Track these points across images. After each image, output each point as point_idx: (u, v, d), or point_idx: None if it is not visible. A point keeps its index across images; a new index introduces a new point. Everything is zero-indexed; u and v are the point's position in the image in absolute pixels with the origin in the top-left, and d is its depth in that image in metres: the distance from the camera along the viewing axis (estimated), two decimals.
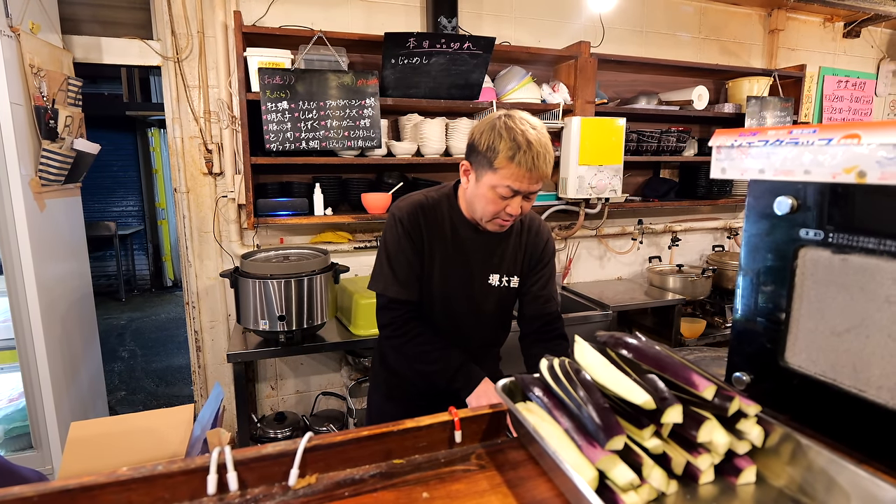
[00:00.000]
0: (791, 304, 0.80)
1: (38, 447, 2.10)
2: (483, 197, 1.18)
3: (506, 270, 1.36)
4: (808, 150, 0.74)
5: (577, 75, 2.66)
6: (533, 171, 1.12)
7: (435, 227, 1.30)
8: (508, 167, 1.12)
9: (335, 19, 2.50)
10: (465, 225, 1.31)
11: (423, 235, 1.29)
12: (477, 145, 1.17)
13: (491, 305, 1.37)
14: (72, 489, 0.60)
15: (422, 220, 1.29)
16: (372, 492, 0.66)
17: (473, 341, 1.40)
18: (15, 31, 1.87)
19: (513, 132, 1.11)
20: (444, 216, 1.31)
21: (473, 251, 1.32)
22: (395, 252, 1.29)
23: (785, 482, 0.68)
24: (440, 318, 1.35)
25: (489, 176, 1.15)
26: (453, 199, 1.33)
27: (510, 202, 1.17)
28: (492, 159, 1.13)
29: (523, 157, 1.10)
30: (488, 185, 1.16)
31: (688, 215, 3.35)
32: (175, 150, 2.42)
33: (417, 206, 1.30)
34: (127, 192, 6.37)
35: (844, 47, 3.59)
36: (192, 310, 2.54)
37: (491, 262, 1.34)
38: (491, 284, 1.35)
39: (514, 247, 1.36)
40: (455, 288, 1.33)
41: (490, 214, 1.20)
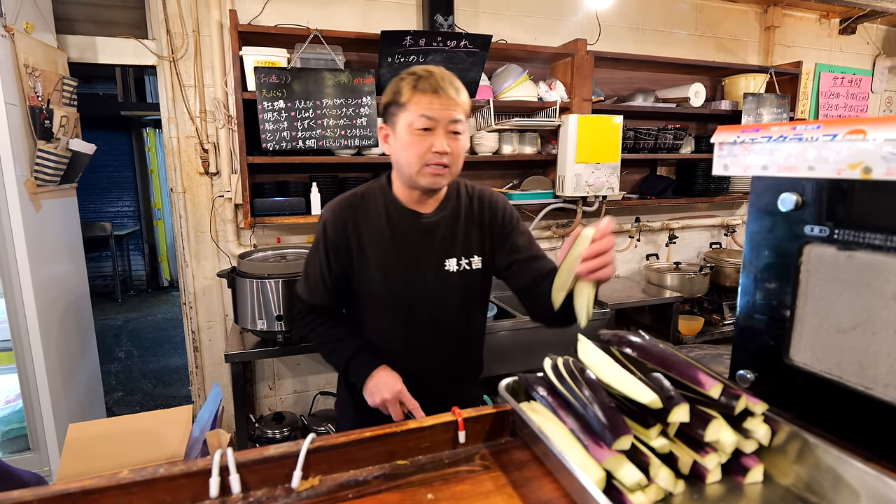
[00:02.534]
0: (796, 301, 0.79)
1: (35, 449, 2.08)
2: (405, 143, 1.11)
3: (463, 252, 1.24)
4: (813, 145, 0.74)
5: (574, 73, 2.66)
6: (440, 94, 1.08)
7: (367, 224, 1.22)
8: (415, 96, 1.08)
9: (331, 18, 2.49)
10: (404, 214, 1.21)
11: (347, 239, 1.21)
12: (385, 104, 1.16)
13: (454, 295, 1.25)
14: (72, 493, 0.59)
15: (350, 220, 1.21)
16: (376, 493, 0.65)
17: (443, 346, 1.29)
18: (9, 30, 1.85)
19: (412, 71, 1.12)
20: (379, 209, 1.22)
21: (420, 239, 1.22)
22: (311, 253, 1.27)
23: (792, 481, 0.67)
24: (395, 322, 1.25)
25: (402, 117, 1.11)
26: (387, 189, 1.24)
27: (433, 138, 1.09)
28: (399, 100, 1.11)
29: (426, 83, 1.08)
30: (405, 127, 1.10)
31: (685, 213, 3.35)
32: (171, 149, 2.40)
33: (347, 204, 1.23)
34: (122, 193, 6.33)
35: (840, 44, 3.60)
36: (189, 310, 2.53)
37: (443, 246, 1.23)
38: (449, 271, 1.23)
39: (467, 223, 1.25)
40: (404, 283, 1.22)
41: (418, 159, 1.10)
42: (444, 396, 1.15)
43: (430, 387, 1.25)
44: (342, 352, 1.24)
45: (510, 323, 2.30)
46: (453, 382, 1.34)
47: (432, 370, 1.29)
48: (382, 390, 1.15)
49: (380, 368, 1.19)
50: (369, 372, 1.19)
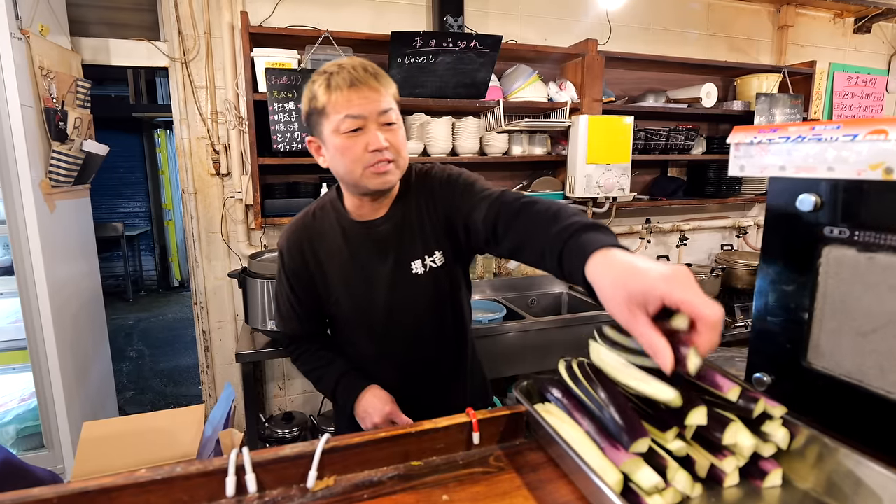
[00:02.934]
0: (814, 303, 0.78)
1: (49, 447, 2.10)
2: (339, 151, 1.00)
3: (424, 251, 1.12)
4: (832, 146, 0.73)
5: (584, 73, 2.65)
6: (357, 86, 0.97)
7: (323, 244, 1.15)
8: (330, 96, 0.97)
9: (341, 19, 2.50)
10: (357, 227, 1.12)
11: (305, 265, 1.15)
12: (306, 115, 1.05)
13: (427, 299, 1.15)
14: (90, 491, 0.60)
15: (306, 244, 1.15)
16: (391, 494, 0.65)
17: (426, 353, 1.21)
18: (25, 33, 1.87)
19: (322, 70, 1.01)
20: (333, 225, 1.14)
21: (379, 250, 1.12)
22: (276, 285, 1.23)
23: (811, 485, 0.66)
24: (372, 338, 1.19)
25: (326, 123, 1.00)
26: (338, 202, 1.15)
27: (366, 137, 0.98)
28: (318, 106, 1.00)
29: (338, 78, 0.97)
30: (332, 133, 0.99)
31: (696, 214, 3.32)
32: (182, 150, 2.42)
33: (300, 228, 1.16)
34: (134, 194, 6.39)
35: (855, 43, 3.56)
36: (200, 310, 2.55)
37: (403, 249, 1.12)
38: (416, 274, 1.12)
39: (418, 216, 1.12)
40: (372, 298, 1.14)
41: (357, 164, 1.00)
42: (440, 405, 1.10)
43: (422, 397, 1.20)
44: (328, 380, 1.21)
45: (519, 324, 2.29)
46: (445, 389, 1.26)
47: (420, 380, 1.22)
48: (372, 414, 1.12)
49: (367, 391, 1.15)
50: (356, 396, 1.15)
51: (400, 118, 1.05)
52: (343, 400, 1.17)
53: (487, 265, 2.85)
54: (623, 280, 0.64)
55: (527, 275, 2.95)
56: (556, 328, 2.33)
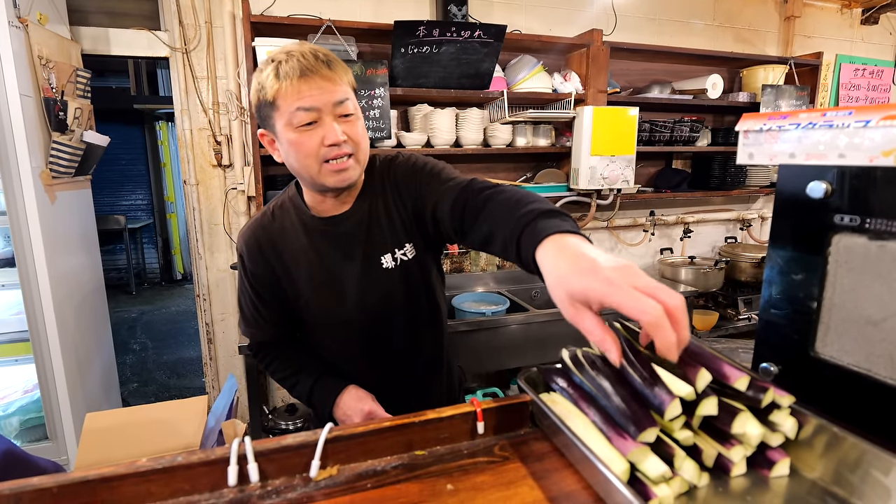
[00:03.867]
0: (823, 292, 0.77)
1: (52, 438, 2.11)
2: (293, 146, 0.93)
3: (394, 244, 1.07)
4: (844, 132, 0.72)
5: (589, 64, 2.62)
6: (308, 75, 0.90)
7: (285, 245, 1.08)
8: (280, 87, 0.90)
9: (343, 8, 2.48)
10: (320, 224, 1.07)
11: (267, 266, 1.09)
12: (253, 105, 0.98)
13: (398, 291, 1.10)
14: (91, 480, 0.59)
15: (266, 245, 1.08)
16: (395, 483, 0.64)
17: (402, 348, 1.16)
18: (23, 22, 1.86)
19: (271, 58, 0.94)
20: (295, 223, 1.08)
21: (345, 246, 1.07)
22: (239, 290, 1.18)
23: (819, 474, 0.65)
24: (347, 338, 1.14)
25: (277, 116, 0.93)
26: (297, 199, 1.10)
27: (321, 131, 0.92)
28: (266, 97, 0.92)
29: (286, 67, 0.90)
30: (285, 127, 0.93)
31: (700, 206, 3.30)
32: (184, 142, 2.41)
33: (259, 229, 1.10)
34: (136, 186, 6.39)
35: (862, 34, 3.52)
36: (202, 302, 2.55)
37: (372, 245, 1.07)
38: (387, 269, 1.07)
39: (385, 209, 1.07)
40: (340, 297, 1.09)
41: (313, 160, 0.94)
42: (420, 399, 1.10)
43: (403, 393, 1.17)
44: (301, 388, 1.15)
45: (523, 316, 2.28)
46: (426, 383, 1.23)
47: (399, 376, 1.18)
48: (351, 416, 1.07)
49: (344, 392, 1.10)
50: (333, 399, 1.10)
51: (358, 108, 0.98)
52: (321, 406, 1.12)
53: (490, 258, 2.84)
54: (565, 279, 0.62)
55: None
56: (560, 320, 2.31)
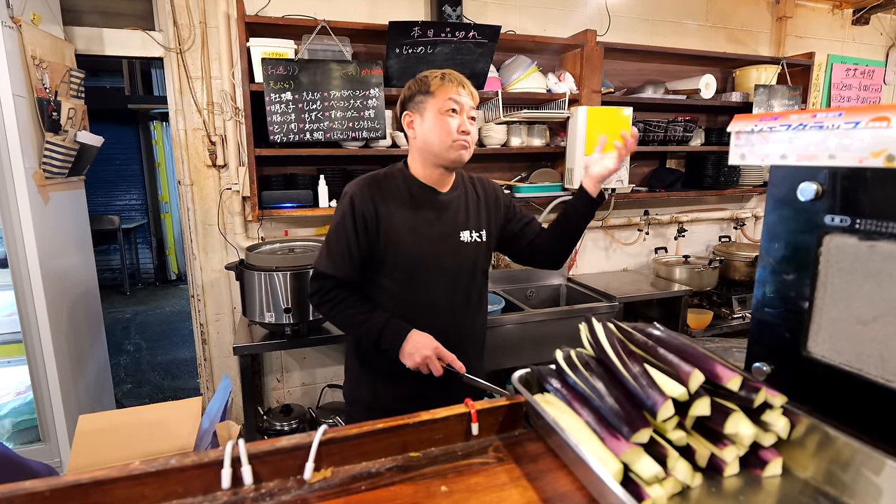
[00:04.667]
0: (814, 292, 0.78)
1: (45, 440, 2.10)
2: (435, 124, 1.30)
3: (473, 226, 1.42)
4: (834, 133, 0.72)
5: (583, 64, 2.63)
6: (464, 85, 1.32)
7: (392, 197, 1.35)
8: (442, 86, 1.30)
9: (338, 8, 2.47)
10: (423, 189, 1.38)
11: (375, 209, 1.33)
12: (409, 95, 1.36)
13: (467, 262, 1.41)
14: (84, 483, 0.59)
15: (376, 192, 1.35)
16: (389, 485, 0.64)
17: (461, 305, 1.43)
18: (16, 22, 1.84)
19: (432, 71, 1.34)
20: (401, 186, 1.38)
21: (439, 212, 1.38)
22: (334, 228, 1.35)
23: (811, 474, 0.66)
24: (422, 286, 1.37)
25: (431, 102, 1.31)
26: (405, 170, 1.40)
27: (459, 119, 1.31)
28: (427, 89, 1.31)
29: (450, 76, 1.32)
30: (434, 111, 1.31)
31: (694, 206, 3.32)
32: (178, 142, 2.40)
33: (371, 180, 1.37)
34: (130, 186, 6.35)
35: (853, 35, 3.54)
36: (197, 303, 2.53)
37: (458, 219, 1.40)
38: (462, 241, 1.40)
39: (474, 204, 1.45)
40: (427, 247, 1.36)
41: (448, 136, 1.30)
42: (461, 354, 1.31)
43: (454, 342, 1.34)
44: (373, 323, 1.31)
45: (518, 316, 2.29)
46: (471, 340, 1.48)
47: (455, 327, 1.40)
48: (421, 349, 1.25)
49: (412, 332, 1.29)
50: (403, 336, 1.28)
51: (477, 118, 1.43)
52: (391, 339, 1.29)
53: None
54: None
55: (525, 267, 2.94)
56: (555, 320, 2.33)
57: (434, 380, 1.30)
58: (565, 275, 2.98)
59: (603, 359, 0.70)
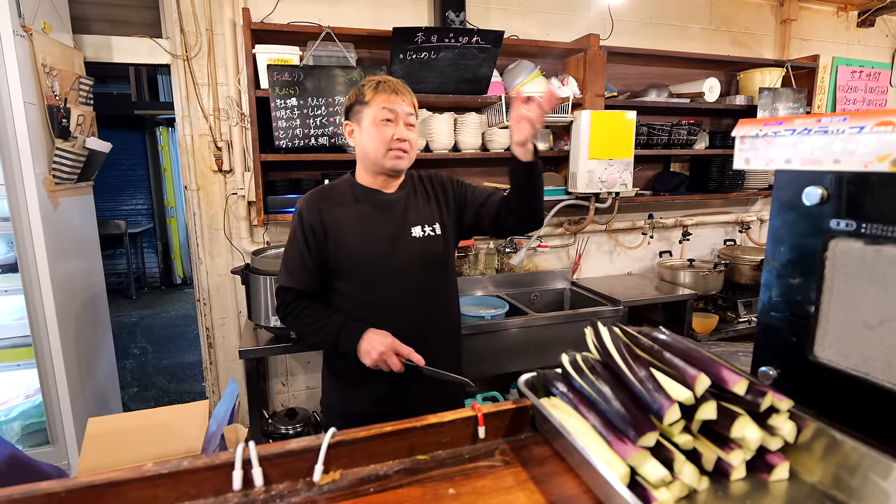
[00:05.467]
0: (820, 296, 0.78)
1: (54, 443, 2.11)
2: (371, 133, 1.33)
3: (425, 221, 1.44)
4: (839, 138, 0.73)
5: (587, 68, 2.64)
6: (398, 93, 1.33)
7: (338, 205, 1.40)
8: (376, 95, 1.32)
9: (343, 15, 2.49)
10: (369, 194, 1.42)
11: (321, 219, 1.37)
12: (349, 105, 1.39)
13: (422, 258, 1.42)
14: (98, 485, 0.60)
15: (322, 203, 1.39)
16: (397, 487, 0.65)
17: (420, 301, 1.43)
18: (27, 30, 1.87)
19: (370, 79, 1.37)
20: (346, 193, 1.42)
21: (386, 213, 1.41)
22: (288, 244, 1.42)
23: (818, 478, 0.66)
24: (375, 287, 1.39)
25: (366, 112, 1.34)
26: (352, 178, 1.46)
27: (394, 127, 1.33)
28: (363, 99, 1.34)
29: (384, 85, 1.34)
30: (370, 120, 1.33)
31: (699, 209, 3.31)
32: (185, 147, 2.42)
33: (318, 192, 1.44)
34: (136, 191, 6.40)
35: (858, 37, 3.54)
36: (202, 307, 2.55)
37: (406, 217, 1.42)
38: (414, 237, 1.42)
39: (423, 200, 1.47)
40: (377, 248, 1.38)
41: (383, 144, 1.33)
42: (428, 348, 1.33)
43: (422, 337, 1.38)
44: (330, 327, 1.34)
45: (522, 320, 2.29)
46: (441, 333, 1.48)
47: (420, 323, 1.42)
48: (376, 346, 1.26)
49: (367, 331, 1.31)
50: (359, 336, 1.30)
51: (416, 124, 1.39)
52: (347, 341, 1.31)
53: (489, 261, 2.85)
54: None
55: (529, 270, 2.95)
56: (559, 324, 2.33)
57: (399, 380, 1.33)
58: (569, 278, 2.98)
59: (609, 363, 0.71)
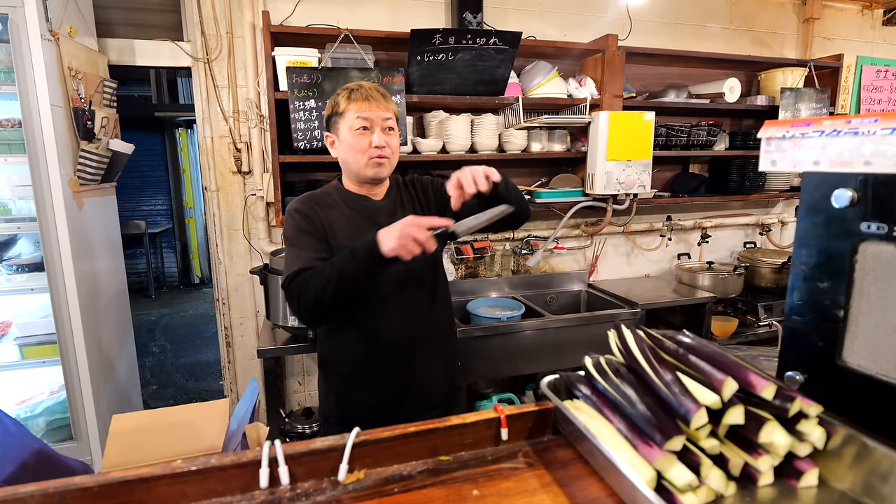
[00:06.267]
0: (849, 300, 0.77)
1: (77, 438, 2.15)
2: (349, 143, 1.32)
3: None
4: (870, 139, 0.71)
5: (605, 69, 2.62)
6: (371, 100, 1.31)
7: (329, 210, 1.38)
8: (350, 104, 1.31)
9: (361, 17, 2.51)
10: (356, 199, 1.41)
11: (320, 217, 1.36)
12: (328, 116, 1.38)
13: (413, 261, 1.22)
14: (130, 480, 0.61)
15: (315, 205, 1.38)
16: (421, 488, 0.65)
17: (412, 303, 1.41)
18: (54, 35, 1.91)
19: (344, 87, 1.35)
20: (335, 199, 1.41)
21: (374, 217, 1.39)
22: (296, 237, 1.33)
23: (849, 485, 0.65)
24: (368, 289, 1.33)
25: (342, 122, 1.32)
26: (339, 184, 1.45)
27: (371, 135, 1.31)
28: (338, 110, 1.33)
29: (357, 93, 1.32)
30: (347, 130, 1.32)
31: (718, 211, 3.27)
32: (205, 149, 2.45)
33: (308, 196, 1.42)
34: (156, 192, 6.50)
35: (884, 35, 3.46)
36: (221, 306, 2.58)
37: (395, 219, 1.23)
38: None
39: (410, 204, 1.47)
40: None
41: (362, 153, 1.32)
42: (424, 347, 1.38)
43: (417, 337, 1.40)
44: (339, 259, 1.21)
45: (538, 322, 2.28)
46: (435, 332, 1.47)
47: (415, 322, 1.41)
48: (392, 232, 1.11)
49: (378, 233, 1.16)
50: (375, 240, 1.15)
51: (397, 127, 1.38)
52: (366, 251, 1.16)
53: (505, 263, 2.84)
54: None
55: (545, 272, 2.94)
56: (575, 326, 2.32)
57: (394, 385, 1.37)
58: (586, 280, 2.97)
59: (633, 366, 0.70)
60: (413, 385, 1.41)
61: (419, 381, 1.42)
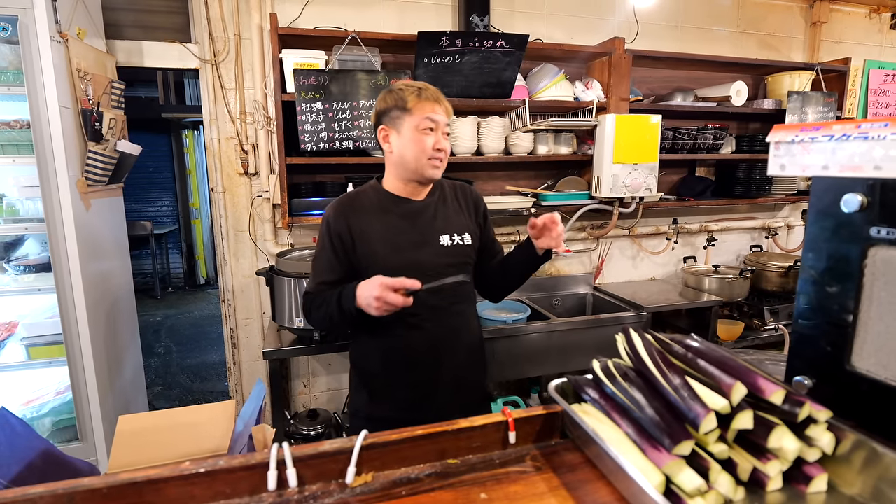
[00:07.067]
0: (858, 305, 0.76)
1: (83, 439, 2.16)
2: (411, 141, 1.33)
3: (455, 230, 1.44)
4: (880, 144, 0.71)
5: (611, 72, 2.62)
6: (440, 102, 1.34)
7: (364, 212, 1.40)
8: (420, 103, 1.32)
9: (368, 19, 2.52)
10: (396, 201, 1.42)
11: (348, 226, 1.37)
12: (385, 109, 1.36)
13: (451, 266, 1.40)
14: (139, 482, 0.61)
15: (349, 210, 1.39)
16: (429, 491, 0.65)
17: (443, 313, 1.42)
18: (63, 36, 1.93)
19: (410, 84, 1.36)
20: (373, 201, 1.42)
21: (414, 220, 1.41)
22: (317, 252, 1.42)
23: (858, 491, 0.65)
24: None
25: (408, 119, 1.32)
26: (378, 185, 1.46)
27: (435, 137, 1.33)
28: (404, 105, 1.32)
29: (427, 93, 1.33)
30: (411, 128, 1.32)
31: (724, 214, 3.26)
32: (212, 150, 2.47)
33: (344, 199, 1.43)
34: (162, 193, 6.53)
35: (892, 39, 3.45)
36: (227, 307, 2.59)
37: (435, 225, 1.42)
38: (443, 245, 1.41)
39: (455, 209, 1.48)
40: (404, 255, 1.38)
41: (424, 154, 1.33)
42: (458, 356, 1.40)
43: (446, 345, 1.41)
44: (331, 299, 1.32)
45: (544, 325, 2.28)
46: (464, 341, 1.48)
47: (445, 330, 1.42)
48: (369, 293, 1.20)
49: (360, 285, 1.25)
50: (353, 292, 1.25)
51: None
52: (347, 302, 1.27)
53: None
54: None
55: (551, 275, 2.93)
56: (581, 329, 2.32)
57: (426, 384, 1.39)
58: (592, 283, 2.96)
59: (642, 370, 0.70)
60: (440, 385, 1.41)
61: (447, 382, 1.41)
